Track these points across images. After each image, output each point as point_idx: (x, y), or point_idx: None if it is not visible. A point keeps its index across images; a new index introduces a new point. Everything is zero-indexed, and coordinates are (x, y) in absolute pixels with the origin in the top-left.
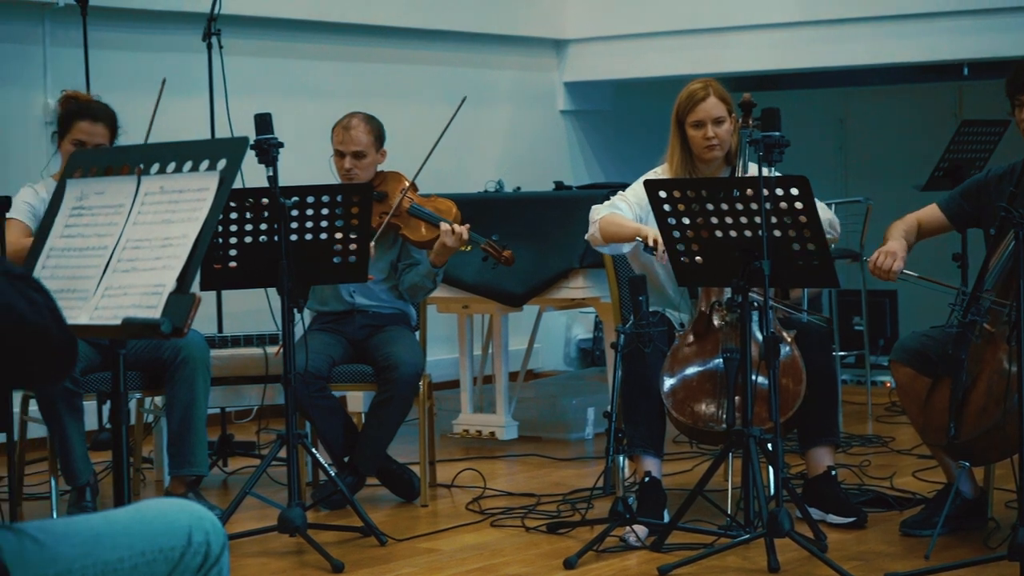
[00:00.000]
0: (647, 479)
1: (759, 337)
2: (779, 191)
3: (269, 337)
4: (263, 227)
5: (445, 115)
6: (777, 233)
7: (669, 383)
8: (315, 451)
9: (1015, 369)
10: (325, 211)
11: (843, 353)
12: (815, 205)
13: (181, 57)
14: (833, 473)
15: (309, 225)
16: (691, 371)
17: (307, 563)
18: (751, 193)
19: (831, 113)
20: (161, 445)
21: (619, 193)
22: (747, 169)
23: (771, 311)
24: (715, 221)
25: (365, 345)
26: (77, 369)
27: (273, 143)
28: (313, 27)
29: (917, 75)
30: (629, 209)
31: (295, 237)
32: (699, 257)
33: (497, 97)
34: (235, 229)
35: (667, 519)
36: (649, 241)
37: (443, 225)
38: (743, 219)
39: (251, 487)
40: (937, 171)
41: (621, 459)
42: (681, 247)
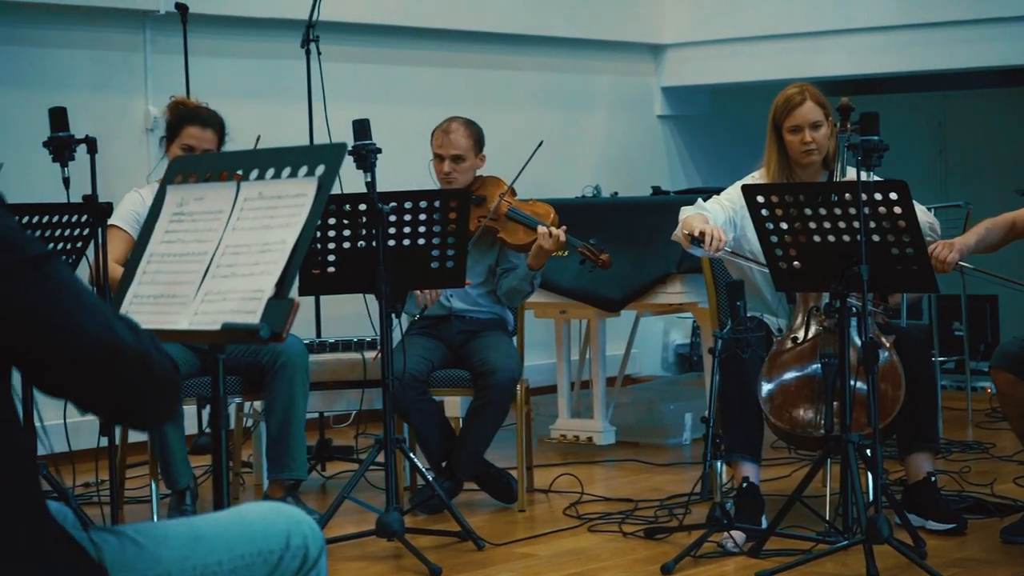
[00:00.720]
0: (745, 484)
1: (858, 342)
2: (877, 196)
3: (367, 342)
4: (361, 233)
5: (543, 120)
6: (876, 238)
7: (767, 388)
8: (413, 456)
9: None
10: (423, 216)
11: (943, 358)
12: (914, 209)
13: (280, 63)
14: (933, 479)
15: (407, 230)
16: (789, 376)
17: (404, 567)
18: (849, 198)
19: (930, 117)
20: (260, 449)
21: (714, 197)
22: (845, 173)
23: (869, 316)
24: (813, 226)
25: (462, 350)
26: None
27: (371, 149)
28: (410, 33)
29: (1018, 78)
30: (722, 211)
31: (393, 242)
32: (797, 262)
33: (594, 102)
34: (333, 235)
35: (765, 525)
36: (695, 232)
37: (540, 228)
38: (841, 224)
39: (349, 491)
40: None
41: (719, 464)
42: (779, 252)
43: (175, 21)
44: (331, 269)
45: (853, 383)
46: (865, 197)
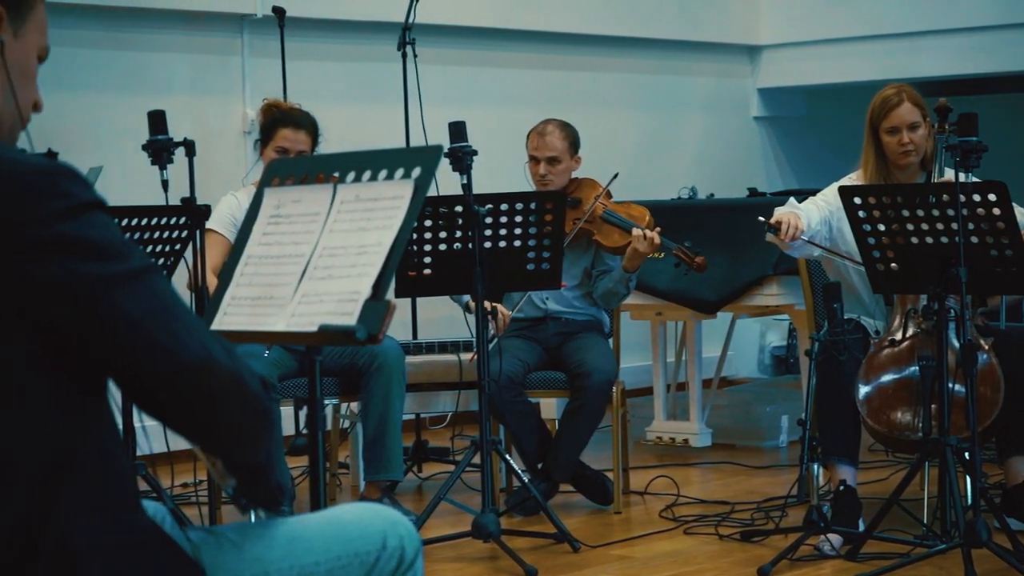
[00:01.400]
0: (842, 487)
1: (956, 344)
2: (976, 197)
3: (463, 344)
4: (457, 235)
5: (639, 122)
6: (974, 239)
7: (864, 391)
8: (509, 457)
9: None
10: (519, 218)
11: None
12: (1013, 211)
13: (376, 66)
14: None
15: (503, 232)
16: (887, 379)
17: (501, 569)
18: (947, 199)
19: None
20: (357, 450)
21: (810, 198)
22: (943, 174)
23: (967, 318)
24: (910, 227)
25: (558, 352)
26: (275, 375)
27: (467, 151)
28: (507, 35)
29: None
30: (817, 211)
31: (488, 244)
32: (894, 264)
33: (691, 104)
34: (429, 237)
35: (862, 528)
36: (772, 220)
37: (635, 230)
38: (939, 225)
39: (445, 493)
40: None
41: (816, 467)
42: (876, 253)
43: (272, 24)
44: (427, 271)
45: (951, 386)
46: (963, 198)
